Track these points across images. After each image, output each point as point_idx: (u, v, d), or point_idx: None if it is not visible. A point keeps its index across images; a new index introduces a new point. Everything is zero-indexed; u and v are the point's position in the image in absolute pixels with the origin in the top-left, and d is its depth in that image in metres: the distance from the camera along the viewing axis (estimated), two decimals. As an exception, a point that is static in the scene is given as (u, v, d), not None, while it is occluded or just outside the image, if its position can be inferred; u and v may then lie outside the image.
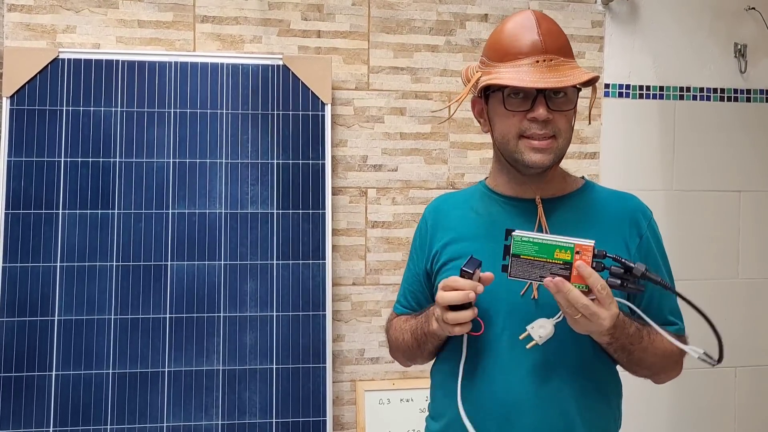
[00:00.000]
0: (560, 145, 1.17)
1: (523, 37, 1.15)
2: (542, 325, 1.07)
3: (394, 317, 1.39)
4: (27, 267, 1.96)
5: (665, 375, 1.24)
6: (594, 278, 1.01)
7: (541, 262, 1.03)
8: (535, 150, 1.15)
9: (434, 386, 1.30)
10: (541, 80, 1.11)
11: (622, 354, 1.13)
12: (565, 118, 1.16)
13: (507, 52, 1.16)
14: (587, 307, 1.00)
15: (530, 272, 1.04)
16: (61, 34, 2.08)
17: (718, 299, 2.38)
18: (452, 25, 2.26)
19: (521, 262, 1.04)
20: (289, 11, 2.18)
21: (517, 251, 1.04)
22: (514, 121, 1.16)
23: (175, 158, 2.05)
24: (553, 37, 1.16)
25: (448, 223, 1.29)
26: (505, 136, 1.18)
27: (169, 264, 2.02)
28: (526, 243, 1.04)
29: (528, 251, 1.04)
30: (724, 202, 2.40)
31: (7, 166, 1.97)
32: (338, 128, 2.20)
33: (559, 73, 1.12)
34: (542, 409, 1.14)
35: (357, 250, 2.21)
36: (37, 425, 1.92)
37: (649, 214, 1.25)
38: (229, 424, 1.99)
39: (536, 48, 1.14)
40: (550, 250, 1.03)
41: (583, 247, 1.02)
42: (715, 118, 2.40)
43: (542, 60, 1.13)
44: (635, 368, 1.19)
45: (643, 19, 2.36)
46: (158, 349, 1.99)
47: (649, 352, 1.14)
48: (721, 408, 2.40)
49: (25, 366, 1.93)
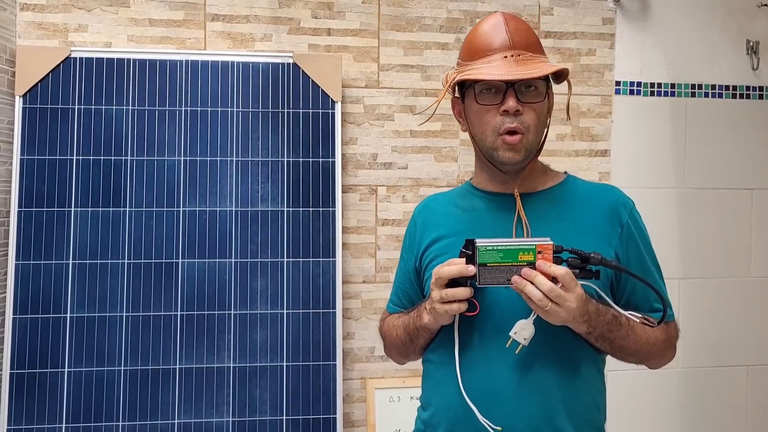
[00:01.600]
0: (530, 141, 1.21)
1: (493, 35, 1.22)
2: (523, 327, 1.12)
3: (387, 316, 1.43)
4: (39, 264, 1.97)
5: (655, 361, 1.27)
6: (553, 268, 1.07)
7: (507, 267, 1.08)
8: (509, 147, 1.20)
9: (424, 376, 1.33)
10: (509, 73, 1.17)
11: (604, 343, 1.17)
12: (534, 112, 1.20)
13: (478, 49, 1.22)
14: (553, 289, 1.05)
15: (498, 277, 1.09)
16: (73, 33, 2.10)
17: (730, 298, 2.37)
18: (462, 22, 2.25)
19: (489, 269, 1.08)
20: (300, 9, 2.18)
21: (484, 260, 1.08)
22: (488, 117, 1.21)
23: (186, 156, 2.05)
24: (521, 35, 1.21)
25: (435, 220, 1.33)
26: (482, 132, 1.23)
27: (180, 261, 2.02)
28: (490, 251, 1.08)
29: (494, 258, 1.08)
30: (735, 200, 2.39)
31: (20, 164, 1.98)
32: (348, 126, 2.20)
33: (527, 67, 1.18)
34: (523, 397, 1.16)
35: (367, 247, 2.21)
36: (50, 421, 1.94)
37: (630, 204, 1.27)
38: (239, 421, 2.00)
39: (504, 44, 1.20)
40: (515, 254, 1.08)
41: (543, 246, 1.08)
42: (727, 116, 2.38)
43: (510, 55, 1.19)
44: (620, 355, 1.22)
45: (654, 15, 2.35)
46: (169, 346, 2.00)
47: (631, 339, 1.18)
48: (733, 407, 2.39)
49: (38, 363, 1.95)
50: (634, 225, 1.25)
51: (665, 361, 1.29)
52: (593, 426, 1.23)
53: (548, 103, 1.25)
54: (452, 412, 1.20)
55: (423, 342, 1.29)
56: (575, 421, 1.18)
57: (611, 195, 1.28)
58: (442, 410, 1.23)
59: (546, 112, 1.25)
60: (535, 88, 1.20)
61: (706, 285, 2.34)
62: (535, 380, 1.17)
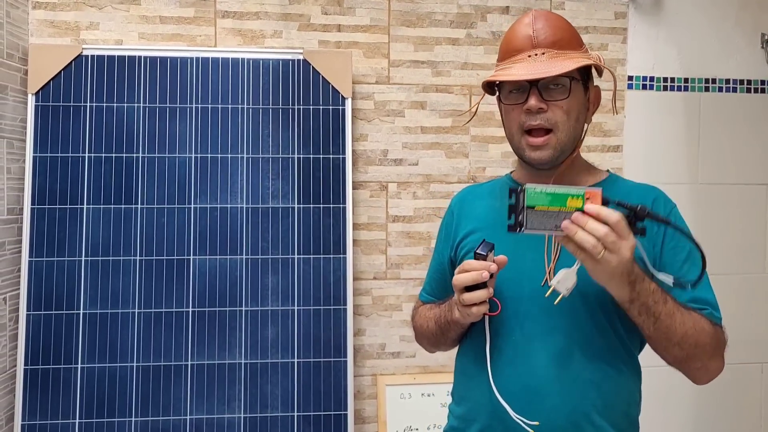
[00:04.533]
0: (560, 139, 1.19)
1: (520, 34, 1.21)
2: (566, 277, 1.07)
3: (420, 305, 1.44)
4: (52, 261, 1.99)
5: (701, 364, 1.16)
6: (605, 212, 1.01)
7: (555, 212, 1.03)
8: (534, 147, 1.19)
9: (457, 371, 1.33)
10: (527, 72, 1.16)
11: (648, 319, 1.09)
12: (561, 109, 1.18)
13: (506, 50, 1.23)
14: (608, 234, 0.99)
15: (545, 223, 1.04)
16: (84, 30, 2.11)
17: (744, 294, 2.35)
18: (473, 17, 2.24)
19: (536, 213, 1.03)
20: (310, 6, 2.18)
21: (531, 203, 1.03)
22: (514, 116, 1.21)
23: (197, 153, 2.06)
24: (548, 32, 1.19)
25: (472, 212, 1.33)
26: (510, 131, 1.24)
27: (192, 258, 2.03)
28: (539, 194, 1.03)
29: (542, 201, 1.03)
30: (750, 196, 2.36)
31: (33, 162, 2.00)
32: (359, 122, 2.20)
33: (549, 65, 1.16)
34: (562, 392, 1.16)
35: (378, 244, 2.21)
36: (63, 417, 1.95)
37: (670, 205, 1.25)
38: (251, 417, 2.00)
39: (529, 43, 1.19)
40: (563, 198, 1.03)
41: (592, 192, 1.04)
42: (741, 110, 2.36)
43: (534, 54, 1.18)
44: (664, 343, 1.13)
45: (667, 9, 2.32)
46: (181, 342, 2.01)
47: (677, 318, 1.10)
48: (747, 405, 2.37)
49: (51, 359, 1.96)
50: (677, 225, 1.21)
51: (713, 367, 1.18)
52: (630, 421, 1.22)
53: (584, 98, 1.23)
54: (489, 408, 1.19)
55: (454, 335, 1.29)
56: (613, 415, 1.18)
57: (651, 195, 1.25)
58: (478, 406, 1.23)
59: (581, 108, 1.22)
60: (562, 86, 1.18)
61: (720, 281, 2.30)
62: (575, 375, 1.16)
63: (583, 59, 1.18)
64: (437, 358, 2.20)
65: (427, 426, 2.15)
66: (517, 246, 1.20)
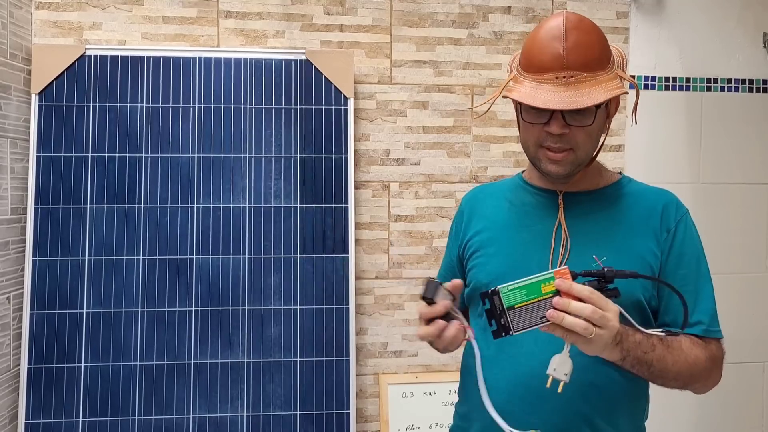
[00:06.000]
0: (579, 156, 1.17)
1: (548, 49, 1.12)
2: (562, 362, 1.05)
3: None
4: (56, 261, 2.00)
5: (700, 384, 1.18)
6: (577, 288, 1.00)
7: (535, 304, 1.02)
8: (552, 161, 1.17)
9: (462, 369, 1.33)
10: (553, 100, 1.09)
11: (641, 367, 1.09)
12: (583, 132, 1.15)
13: (531, 63, 1.15)
14: (594, 311, 0.98)
15: (530, 318, 1.02)
16: (87, 31, 2.11)
17: (746, 293, 2.35)
18: (475, 17, 2.24)
19: (517, 312, 1.02)
20: (312, 6, 2.18)
21: (510, 303, 1.02)
22: (533, 132, 1.17)
23: (200, 153, 2.07)
24: (580, 51, 1.11)
25: (483, 211, 1.33)
26: (525, 142, 1.21)
27: (195, 258, 2.04)
28: (514, 292, 1.02)
29: (519, 299, 1.02)
30: (751, 195, 2.37)
31: (36, 161, 2.00)
32: (361, 122, 2.20)
33: (578, 92, 1.10)
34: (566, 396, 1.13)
35: (380, 243, 2.22)
36: (67, 415, 1.96)
37: (681, 211, 1.22)
38: (253, 416, 2.01)
39: (558, 63, 1.11)
40: (537, 287, 1.02)
41: (560, 272, 1.02)
42: (743, 110, 2.36)
43: (562, 76, 1.11)
44: (662, 381, 1.14)
45: (668, 9, 2.32)
46: (184, 341, 2.01)
47: (669, 360, 1.10)
48: (748, 404, 2.37)
49: (55, 357, 1.97)
50: (681, 233, 1.20)
51: (711, 383, 1.20)
52: (635, 427, 1.21)
53: (605, 115, 1.19)
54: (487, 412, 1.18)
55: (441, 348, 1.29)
56: (616, 420, 1.17)
57: (662, 200, 1.23)
58: (478, 406, 1.20)
59: (602, 124, 1.19)
60: (587, 111, 1.13)
61: (721, 281, 2.31)
62: (576, 377, 1.13)
63: (612, 86, 1.12)
64: (439, 357, 2.20)
65: (429, 425, 2.16)
66: (524, 247, 1.20)
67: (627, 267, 1.10)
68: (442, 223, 2.23)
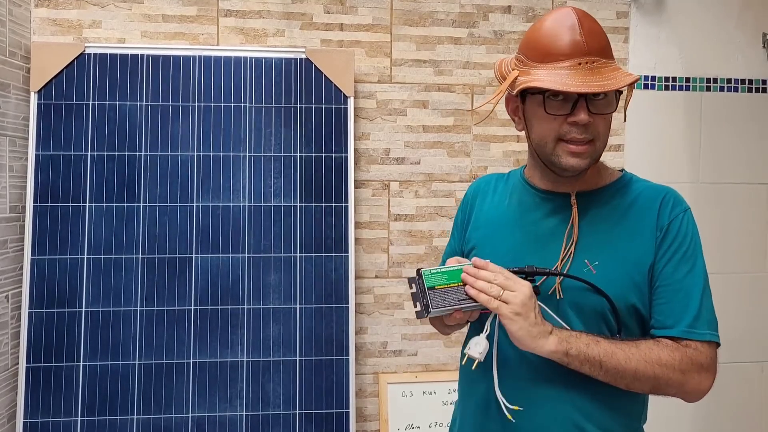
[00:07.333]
0: (598, 149, 1.16)
1: (565, 37, 1.11)
2: (477, 343, 1.13)
3: None
4: (55, 259, 1.99)
5: (674, 389, 1.11)
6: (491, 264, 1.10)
7: (454, 288, 1.12)
8: (573, 154, 1.14)
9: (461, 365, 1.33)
10: (584, 84, 1.08)
11: (593, 367, 1.08)
12: (604, 121, 1.14)
13: (547, 52, 1.12)
14: (496, 275, 1.08)
15: (448, 299, 1.11)
16: (87, 29, 2.11)
17: (746, 293, 2.35)
18: (475, 17, 2.24)
19: (437, 293, 1.12)
20: (312, 4, 2.18)
21: (431, 284, 1.12)
22: (554, 125, 1.13)
23: (200, 152, 2.06)
24: (596, 38, 1.12)
25: (485, 206, 1.33)
26: (543, 138, 1.16)
27: (194, 256, 2.03)
28: (436, 275, 1.13)
29: (440, 281, 1.12)
30: (751, 195, 2.37)
31: (35, 160, 2.00)
32: (361, 121, 2.20)
33: (602, 76, 1.09)
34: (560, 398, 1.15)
35: (380, 243, 2.22)
36: (65, 414, 1.95)
37: (679, 208, 1.19)
38: (253, 415, 2.01)
39: (578, 49, 1.11)
40: (457, 273, 1.12)
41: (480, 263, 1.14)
42: (743, 110, 2.36)
43: (584, 62, 1.10)
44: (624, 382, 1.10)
45: (669, 9, 2.33)
46: (183, 340, 2.01)
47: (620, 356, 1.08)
48: (747, 404, 2.38)
49: (54, 356, 1.97)
50: (674, 230, 1.16)
51: (692, 388, 1.11)
52: (631, 428, 1.20)
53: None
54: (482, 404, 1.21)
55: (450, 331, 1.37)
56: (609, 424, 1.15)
57: (659, 197, 1.20)
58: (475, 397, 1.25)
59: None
60: (606, 97, 1.13)
61: (721, 280, 2.33)
62: (572, 381, 1.13)
63: (626, 72, 1.13)
64: (439, 356, 2.20)
65: (428, 424, 2.16)
66: (522, 248, 1.20)
67: (620, 273, 1.13)
68: (442, 222, 2.23)
